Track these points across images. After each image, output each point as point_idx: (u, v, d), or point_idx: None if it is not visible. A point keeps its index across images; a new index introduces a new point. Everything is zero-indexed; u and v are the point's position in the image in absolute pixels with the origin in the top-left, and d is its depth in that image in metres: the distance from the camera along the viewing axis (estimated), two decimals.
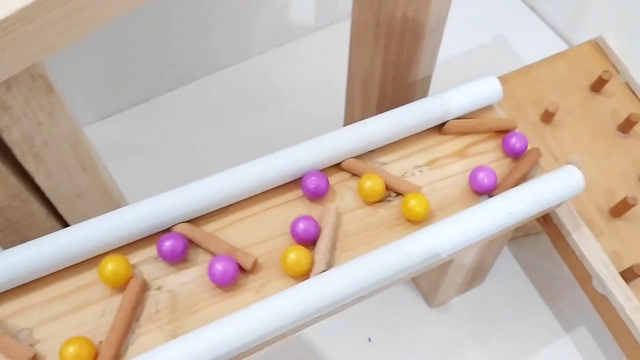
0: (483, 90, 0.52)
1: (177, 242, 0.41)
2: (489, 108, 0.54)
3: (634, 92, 0.61)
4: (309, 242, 0.43)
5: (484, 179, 0.47)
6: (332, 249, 0.44)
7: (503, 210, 0.45)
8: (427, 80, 0.64)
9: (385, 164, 0.49)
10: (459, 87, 0.52)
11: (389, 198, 0.47)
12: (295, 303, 0.39)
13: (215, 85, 0.86)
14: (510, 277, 0.70)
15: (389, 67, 0.60)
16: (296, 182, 0.47)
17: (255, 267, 0.42)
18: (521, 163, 0.49)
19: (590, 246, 0.51)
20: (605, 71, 0.59)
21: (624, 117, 0.58)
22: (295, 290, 0.40)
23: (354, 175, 0.48)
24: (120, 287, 0.40)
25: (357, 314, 0.67)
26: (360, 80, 0.65)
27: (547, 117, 0.58)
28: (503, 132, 0.52)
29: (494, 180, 0.47)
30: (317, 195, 0.46)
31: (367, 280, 0.41)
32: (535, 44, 0.90)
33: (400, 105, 0.50)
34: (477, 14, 0.95)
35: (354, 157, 0.48)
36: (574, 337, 0.66)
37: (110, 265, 0.39)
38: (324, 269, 0.42)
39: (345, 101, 0.72)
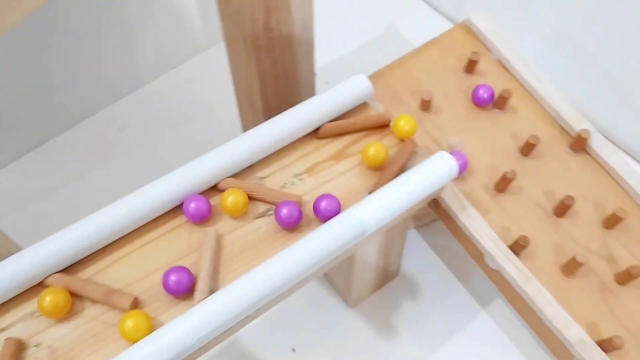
0: (353, 89, 0.53)
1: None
2: (364, 105, 0.54)
3: (506, 69, 0.63)
4: (183, 293, 0.43)
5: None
6: (215, 273, 0.44)
7: (380, 206, 0.46)
8: (309, 85, 0.65)
9: (264, 177, 0.49)
10: (329, 89, 0.52)
11: (269, 212, 0.47)
12: (181, 333, 0.39)
13: (113, 118, 0.84)
14: (425, 264, 0.72)
15: (266, 78, 0.60)
16: (180, 208, 0.47)
17: (136, 305, 0.42)
18: (397, 156, 0.50)
19: (477, 225, 0.53)
20: (474, 52, 0.60)
21: (498, 94, 0.60)
22: (180, 321, 0.40)
23: None
24: None
25: (279, 325, 0.67)
26: (245, 94, 0.65)
27: (425, 105, 0.59)
28: (381, 128, 0.53)
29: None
30: (199, 219, 0.46)
31: (249, 299, 0.41)
32: (427, 30, 0.92)
33: None
34: (367, 7, 0.96)
35: (231, 176, 0.48)
36: (491, 312, 0.68)
37: None
38: (206, 295, 0.41)
39: (240, 117, 0.72)
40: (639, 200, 0.56)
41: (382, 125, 0.53)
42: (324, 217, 0.46)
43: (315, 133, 0.52)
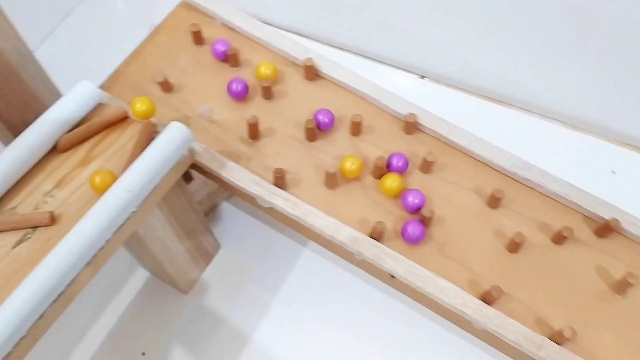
0: (82, 94, 0.55)
1: None
2: (100, 106, 0.56)
3: (231, 29, 0.67)
4: None
5: None
6: None
7: (123, 190, 0.48)
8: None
9: (15, 207, 0.50)
10: (56, 102, 0.54)
11: (28, 236, 0.48)
12: None
13: None
14: (243, 229, 0.75)
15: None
16: None
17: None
18: (137, 141, 0.53)
19: (239, 175, 0.57)
20: (192, 24, 0.64)
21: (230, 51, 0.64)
22: None
23: None
24: None
25: (124, 331, 0.68)
26: None
27: (165, 87, 0.62)
28: (122, 121, 0.55)
29: None
30: None
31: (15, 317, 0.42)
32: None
33: None
34: (140, 12, 0.97)
35: None
36: (311, 247, 0.73)
37: None
38: None
39: None
40: (374, 102, 0.62)
41: (121, 119, 0.56)
42: None
43: (56, 148, 0.53)
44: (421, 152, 0.60)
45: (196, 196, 0.72)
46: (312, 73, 0.63)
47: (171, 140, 0.51)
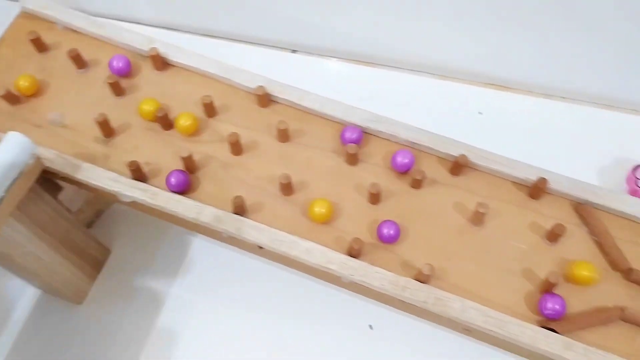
0: None
1: None
2: None
3: (74, 30, 0.66)
4: None
5: None
6: None
7: None
8: None
9: None
10: None
11: None
12: None
13: None
14: (133, 229, 0.75)
15: None
16: None
17: None
18: None
19: (96, 175, 0.56)
20: (29, 32, 0.63)
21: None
22: None
23: None
24: None
25: (22, 352, 0.67)
26: None
27: (10, 99, 0.60)
28: None
29: None
30: None
31: None
32: None
33: None
34: None
35: None
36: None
37: None
38: None
39: None
40: (225, 81, 0.62)
41: None
42: None
43: None
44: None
45: (72, 205, 0.70)
46: (160, 62, 0.63)
47: (8, 151, 0.50)
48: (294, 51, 0.89)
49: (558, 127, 0.76)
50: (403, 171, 0.58)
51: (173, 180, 0.55)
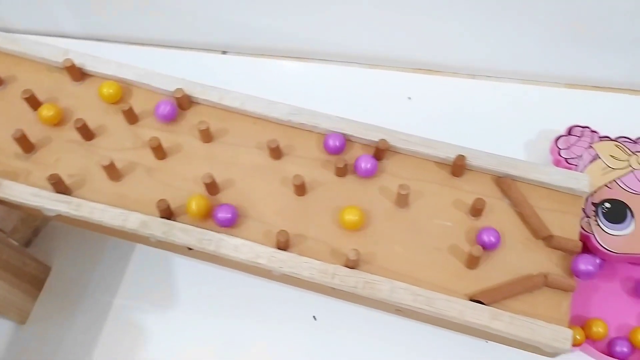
0: None
1: None
2: None
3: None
4: None
5: None
6: None
7: None
8: None
9: None
10: None
11: None
12: None
13: None
14: (74, 243, 0.74)
15: None
16: None
17: None
18: None
19: (16, 191, 0.56)
20: None
21: None
22: None
23: None
24: None
25: None
26: None
27: None
28: None
29: None
30: None
31: None
32: None
33: None
34: None
35: None
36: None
37: None
38: None
39: None
40: (144, 86, 0.62)
41: None
42: None
43: None
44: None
45: (6, 224, 0.69)
46: (77, 73, 0.62)
47: None
48: (224, 52, 0.89)
49: (485, 106, 0.78)
50: (335, 153, 0.58)
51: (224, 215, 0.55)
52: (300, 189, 0.56)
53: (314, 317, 0.66)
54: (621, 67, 0.77)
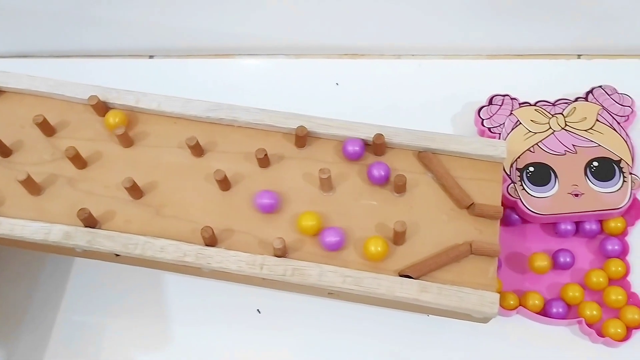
0: None
1: None
2: None
3: None
4: None
5: None
6: None
7: None
8: None
9: None
10: None
11: None
12: None
13: None
14: (10, 266, 0.73)
15: None
16: None
17: None
18: None
19: None
20: None
21: None
22: None
23: None
24: None
25: None
26: None
27: None
28: None
29: None
30: None
31: None
32: None
33: None
34: None
35: None
36: None
37: None
38: None
39: None
40: (59, 97, 0.61)
41: None
42: None
43: None
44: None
45: None
46: None
47: None
48: (151, 57, 0.88)
49: (412, 85, 0.79)
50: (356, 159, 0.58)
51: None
52: (224, 184, 0.56)
53: (257, 310, 0.66)
54: (540, 33, 0.78)
